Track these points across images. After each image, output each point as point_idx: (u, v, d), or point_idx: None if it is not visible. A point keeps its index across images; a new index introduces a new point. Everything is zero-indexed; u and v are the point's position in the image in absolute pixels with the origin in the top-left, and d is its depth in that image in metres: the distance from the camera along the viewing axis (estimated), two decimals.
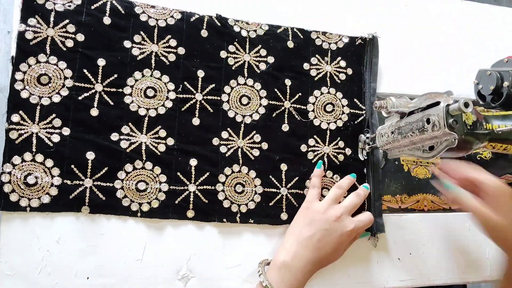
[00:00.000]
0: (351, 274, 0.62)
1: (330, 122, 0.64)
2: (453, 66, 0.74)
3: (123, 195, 0.56)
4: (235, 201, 0.59)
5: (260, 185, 0.60)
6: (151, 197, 0.56)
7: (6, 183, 0.52)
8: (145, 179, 0.57)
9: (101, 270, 0.54)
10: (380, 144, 0.59)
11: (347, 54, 0.67)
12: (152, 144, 0.57)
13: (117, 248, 0.55)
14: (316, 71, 0.65)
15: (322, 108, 0.64)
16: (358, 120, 0.65)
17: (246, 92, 0.62)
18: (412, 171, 0.69)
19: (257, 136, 0.61)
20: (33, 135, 0.54)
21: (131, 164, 0.56)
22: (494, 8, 0.80)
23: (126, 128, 0.57)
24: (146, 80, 0.58)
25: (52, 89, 0.55)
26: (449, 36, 0.76)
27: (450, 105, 0.47)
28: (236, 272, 0.59)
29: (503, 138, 0.53)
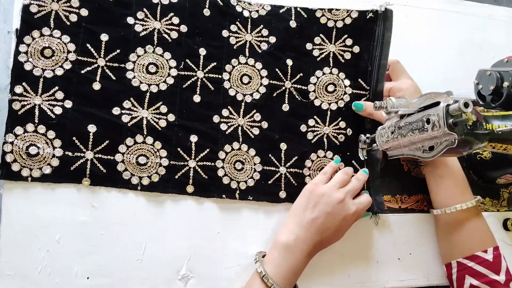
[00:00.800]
0: (351, 274, 0.62)
1: (331, 103, 0.64)
2: (453, 66, 0.74)
3: (124, 169, 0.56)
4: (234, 178, 0.60)
5: (259, 163, 0.61)
6: (152, 171, 0.57)
7: (8, 153, 0.53)
8: (145, 154, 0.57)
9: (101, 270, 0.55)
10: (380, 144, 0.59)
11: (355, 30, 0.66)
12: (153, 119, 0.58)
13: (117, 248, 0.55)
14: (319, 51, 0.65)
15: (324, 89, 0.64)
16: (362, 100, 0.65)
17: (247, 71, 0.62)
18: (412, 171, 0.69)
19: (257, 115, 0.62)
20: (36, 107, 0.54)
21: (132, 138, 0.57)
22: (494, 8, 0.80)
23: (128, 103, 0.57)
24: (148, 56, 0.59)
25: (55, 62, 0.56)
26: (449, 36, 0.76)
27: (450, 105, 0.47)
28: (236, 272, 0.59)
29: (503, 138, 0.53)
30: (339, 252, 0.63)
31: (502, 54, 0.66)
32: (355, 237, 0.63)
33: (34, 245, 0.53)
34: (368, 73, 0.65)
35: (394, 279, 0.64)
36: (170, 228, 0.58)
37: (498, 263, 0.57)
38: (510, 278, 0.56)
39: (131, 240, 0.56)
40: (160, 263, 0.56)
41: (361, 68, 0.65)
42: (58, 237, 0.54)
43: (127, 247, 0.56)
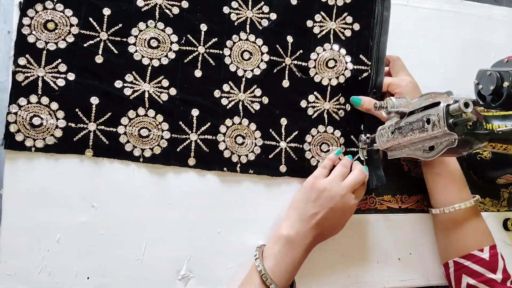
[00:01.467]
0: (351, 274, 0.62)
1: (332, 78, 0.64)
2: (453, 66, 0.74)
3: (126, 140, 0.57)
4: (235, 152, 0.61)
5: (260, 138, 0.62)
6: (153, 143, 0.58)
7: (12, 123, 0.54)
8: (147, 126, 0.58)
9: (101, 270, 0.54)
10: (380, 144, 0.59)
11: (355, 8, 0.66)
12: (155, 92, 0.59)
13: (117, 248, 0.55)
14: (319, 28, 0.65)
15: (324, 64, 0.64)
16: (362, 76, 0.65)
17: (247, 48, 0.63)
18: (412, 171, 0.69)
19: (258, 91, 0.62)
20: (39, 78, 0.55)
21: (134, 111, 0.58)
22: (494, 8, 0.80)
23: (130, 76, 0.58)
24: (150, 31, 0.59)
25: (58, 35, 0.56)
26: (449, 35, 0.76)
27: (450, 105, 0.47)
28: (236, 272, 0.59)
29: (503, 138, 0.53)
30: (339, 252, 0.63)
31: (502, 54, 0.66)
32: (355, 237, 0.63)
33: (34, 245, 0.53)
34: (369, 48, 0.66)
35: (394, 279, 0.64)
36: (172, 227, 0.58)
37: (495, 262, 0.57)
38: (507, 276, 0.57)
39: (131, 240, 0.56)
40: (160, 263, 0.56)
41: (362, 44, 0.66)
42: (58, 237, 0.54)
43: (127, 247, 0.56)
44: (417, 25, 0.74)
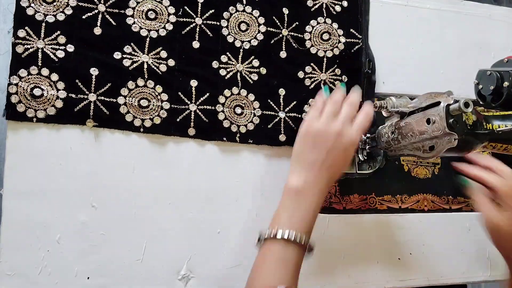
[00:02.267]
0: (351, 274, 0.62)
1: (327, 50, 0.66)
2: (453, 66, 0.74)
3: (126, 111, 0.57)
4: (234, 122, 0.61)
5: (258, 108, 0.62)
6: (153, 114, 0.58)
7: (13, 94, 0.54)
8: (147, 97, 0.58)
9: (101, 270, 0.54)
10: (380, 144, 0.59)
11: None
12: (153, 63, 0.59)
13: (117, 248, 0.55)
14: (312, 2, 0.66)
15: (319, 37, 0.66)
16: (354, 48, 0.67)
17: (245, 19, 0.63)
18: (412, 171, 0.69)
19: (256, 61, 0.63)
20: (39, 50, 0.55)
21: (133, 82, 0.58)
22: (494, 8, 0.80)
23: (128, 47, 0.58)
24: (147, 2, 0.59)
25: (56, 7, 0.56)
26: (449, 36, 0.76)
27: (450, 105, 0.47)
28: (237, 272, 0.59)
29: (503, 138, 0.53)
30: (339, 252, 0.63)
31: (502, 54, 0.65)
32: (355, 237, 0.63)
33: (34, 245, 0.53)
34: (359, 23, 0.68)
35: (394, 279, 0.64)
36: (172, 227, 0.58)
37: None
38: None
39: (131, 240, 0.56)
40: (160, 263, 0.56)
41: (352, 20, 0.68)
42: (58, 237, 0.54)
43: (127, 247, 0.56)
44: (417, 25, 0.74)
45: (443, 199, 0.69)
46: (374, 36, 0.72)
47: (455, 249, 0.67)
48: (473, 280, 0.67)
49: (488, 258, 0.68)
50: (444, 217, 0.68)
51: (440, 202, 0.68)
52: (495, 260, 0.68)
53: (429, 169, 0.69)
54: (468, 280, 0.67)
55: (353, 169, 0.64)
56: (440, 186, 0.69)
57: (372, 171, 0.65)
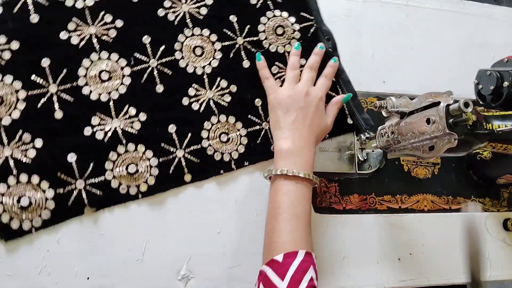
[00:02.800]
0: (351, 274, 0.62)
1: (285, 44, 0.64)
2: (453, 66, 0.74)
3: (118, 184, 0.56)
4: (224, 151, 0.60)
5: (242, 128, 0.61)
6: (145, 175, 0.57)
7: (2, 213, 0.51)
8: (133, 161, 0.56)
9: (101, 270, 0.54)
10: (380, 144, 0.59)
11: None
12: (126, 125, 0.57)
13: (117, 248, 0.55)
14: (256, 0, 0.64)
15: (274, 33, 0.64)
16: (310, 31, 0.65)
17: (197, 43, 0.61)
18: (412, 171, 0.69)
19: (223, 81, 0.61)
20: (9, 158, 0.53)
21: (114, 152, 0.56)
22: (494, 8, 0.80)
23: (95, 118, 0.56)
24: (96, 65, 0.57)
25: (8, 107, 0.53)
26: (449, 35, 0.76)
27: (450, 105, 0.47)
28: (237, 272, 0.59)
29: (503, 138, 0.53)
30: (339, 252, 0.63)
31: (502, 54, 0.65)
32: (355, 237, 0.63)
33: (34, 245, 0.53)
34: (306, 3, 0.66)
35: (394, 279, 0.64)
36: (172, 227, 0.58)
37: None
38: None
39: (131, 240, 0.56)
40: (160, 263, 0.56)
41: (298, 2, 0.66)
42: (58, 237, 0.54)
43: (127, 247, 0.56)
44: (417, 25, 0.74)
45: (443, 199, 0.69)
46: (374, 36, 0.72)
47: (455, 249, 0.67)
48: None
49: (488, 258, 0.68)
50: (444, 217, 0.68)
51: (440, 202, 0.68)
52: (495, 260, 0.68)
53: (429, 169, 0.69)
54: (468, 280, 0.67)
55: (353, 169, 0.64)
56: (440, 186, 0.69)
57: (372, 171, 0.66)
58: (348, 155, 0.66)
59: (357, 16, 0.72)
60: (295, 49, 0.63)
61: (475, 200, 0.70)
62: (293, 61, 0.62)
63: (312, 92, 0.59)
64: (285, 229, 0.51)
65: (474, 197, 0.70)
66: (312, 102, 0.58)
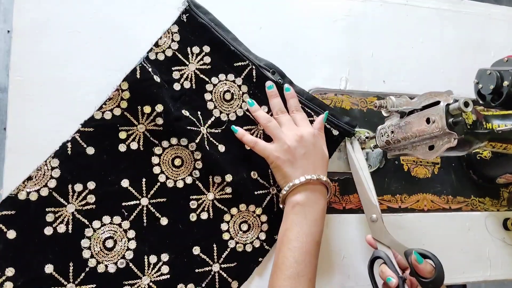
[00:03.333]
0: (351, 274, 0.62)
1: (241, 105, 0.61)
2: (453, 66, 0.74)
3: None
4: (252, 240, 0.58)
5: (256, 207, 0.59)
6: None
7: None
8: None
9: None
10: (380, 144, 0.59)
11: (189, 37, 0.60)
12: (155, 278, 0.54)
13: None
14: (189, 82, 0.59)
15: (224, 102, 0.60)
16: (254, 76, 0.61)
17: (172, 155, 0.57)
18: (412, 171, 0.69)
19: (216, 177, 0.58)
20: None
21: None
22: (493, 8, 0.80)
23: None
24: (95, 238, 0.53)
25: None
26: (449, 35, 0.76)
27: (450, 105, 0.47)
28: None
29: (503, 138, 0.53)
30: (339, 252, 0.63)
31: (502, 54, 0.66)
32: (355, 237, 0.63)
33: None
34: (233, 51, 0.61)
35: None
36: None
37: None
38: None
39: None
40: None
41: (226, 55, 0.61)
42: None
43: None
44: (417, 25, 0.74)
45: (443, 198, 0.69)
46: (374, 36, 0.72)
47: (455, 249, 0.67)
48: (473, 280, 0.67)
49: (488, 258, 0.68)
50: (444, 217, 0.68)
51: (440, 202, 0.68)
52: (495, 260, 0.68)
53: (428, 169, 0.69)
54: (468, 280, 0.67)
55: None
56: (440, 185, 0.69)
57: (372, 170, 0.65)
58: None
59: (357, 16, 0.72)
60: (251, 106, 0.60)
61: (475, 199, 0.70)
62: (260, 115, 0.59)
63: (303, 133, 0.57)
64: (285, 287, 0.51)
65: (474, 196, 0.70)
66: (310, 142, 0.57)
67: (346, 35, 0.70)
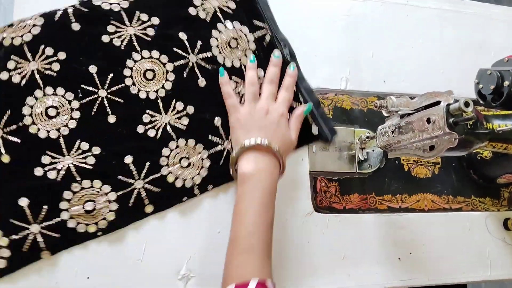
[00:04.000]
0: (351, 274, 0.62)
1: (241, 57, 0.61)
2: (453, 66, 0.74)
3: (76, 224, 0.53)
4: (186, 177, 0.57)
5: (204, 150, 0.58)
6: (104, 212, 0.54)
7: None
8: (90, 198, 0.53)
9: (101, 270, 0.54)
10: (380, 143, 0.59)
11: None
12: (79, 161, 0.54)
13: (117, 248, 0.55)
14: (204, 12, 0.61)
15: (228, 46, 0.61)
16: (265, 41, 0.63)
17: (147, 66, 0.58)
18: (412, 171, 0.69)
19: (179, 104, 0.58)
20: None
21: (68, 191, 0.53)
22: (494, 8, 0.80)
23: (46, 157, 0.53)
24: (41, 101, 0.54)
25: None
26: (449, 35, 0.76)
27: (450, 105, 0.47)
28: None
29: (503, 138, 0.53)
30: (339, 252, 0.63)
31: (502, 54, 0.65)
32: (355, 237, 0.63)
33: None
34: (258, 11, 0.63)
35: (394, 279, 0.63)
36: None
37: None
38: None
39: (131, 240, 0.56)
40: (160, 263, 0.56)
41: (250, 10, 0.63)
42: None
43: (127, 247, 0.56)
44: (417, 25, 0.74)
45: (443, 198, 0.69)
46: (374, 36, 0.72)
47: (455, 249, 0.67)
48: (473, 280, 0.67)
49: (488, 258, 0.68)
50: (444, 217, 0.68)
51: (440, 201, 0.68)
52: (495, 260, 0.68)
53: (429, 169, 0.69)
54: (468, 280, 0.67)
55: (353, 169, 0.64)
56: (440, 185, 0.69)
57: (372, 170, 0.66)
58: (348, 154, 0.66)
59: (357, 16, 0.72)
60: (251, 62, 0.60)
61: (476, 199, 0.70)
62: (250, 76, 0.59)
63: (272, 109, 0.57)
64: (240, 262, 0.50)
65: (474, 196, 0.70)
66: (273, 120, 0.56)
67: (346, 35, 0.70)
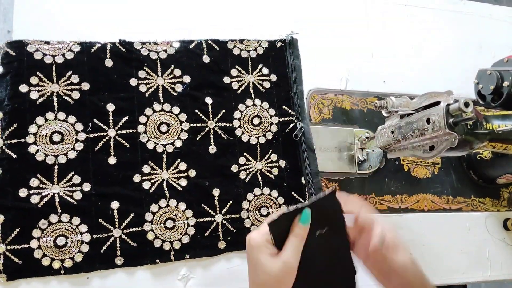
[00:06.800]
0: None
1: (259, 136, 0.61)
2: (453, 66, 0.74)
3: (42, 255, 0.51)
4: (166, 239, 0.55)
5: (192, 217, 0.56)
6: (73, 251, 0.52)
7: None
8: (63, 233, 0.52)
9: (101, 270, 0.54)
10: (380, 144, 0.59)
11: (268, 59, 0.63)
12: (65, 193, 0.53)
13: None
14: (238, 84, 0.61)
15: (249, 122, 0.60)
16: (289, 127, 0.62)
17: (164, 119, 0.57)
18: (412, 171, 0.69)
19: (182, 164, 0.57)
20: None
21: (45, 220, 0.51)
22: (494, 8, 0.80)
23: (35, 180, 0.52)
24: (50, 124, 0.53)
25: None
26: (449, 36, 0.76)
27: (450, 105, 0.47)
28: (237, 272, 0.58)
29: (503, 138, 0.53)
30: None
31: (502, 54, 0.66)
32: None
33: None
34: (291, 98, 0.63)
35: None
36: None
37: None
38: None
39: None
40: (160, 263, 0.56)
41: (283, 95, 0.63)
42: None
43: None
44: (417, 25, 0.74)
45: (443, 199, 0.69)
46: (374, 36, 0.72)
47: (455, 249, 0.67)
48: (473, 280, 0.67)
49: (488, 258, 0.68)
50: (444, 217, 0.68)
51: (440, 202, 0.68)
52: (494, 260, 0.68)
53: (429, 169, 0.69)
54: (468, 280, 0.67)
55: (353, 169, 0.64)
56: (440, 186, 0.69)
57: (372, 170, 0.66)
58: (348, 155, 0.66)
59: (358, 16, 0.72)
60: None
61: (475, 199, 0.70)
62: None
63: (248, 240, 0.44)
64: None
65: (474, 196, 0.70)
66: (248, 255, 0.45)
67: (346, 35, 0.70)
